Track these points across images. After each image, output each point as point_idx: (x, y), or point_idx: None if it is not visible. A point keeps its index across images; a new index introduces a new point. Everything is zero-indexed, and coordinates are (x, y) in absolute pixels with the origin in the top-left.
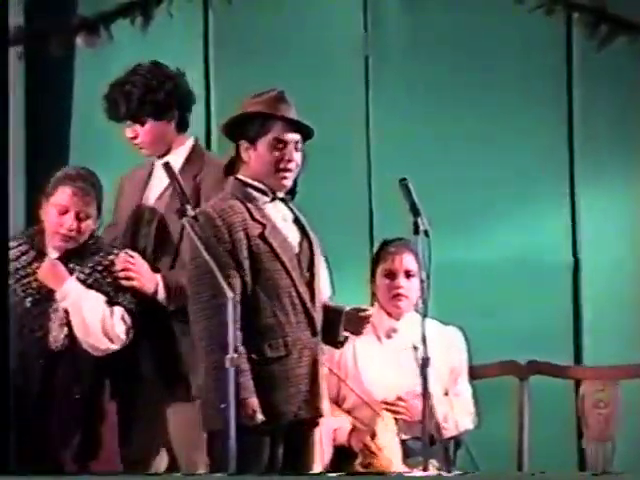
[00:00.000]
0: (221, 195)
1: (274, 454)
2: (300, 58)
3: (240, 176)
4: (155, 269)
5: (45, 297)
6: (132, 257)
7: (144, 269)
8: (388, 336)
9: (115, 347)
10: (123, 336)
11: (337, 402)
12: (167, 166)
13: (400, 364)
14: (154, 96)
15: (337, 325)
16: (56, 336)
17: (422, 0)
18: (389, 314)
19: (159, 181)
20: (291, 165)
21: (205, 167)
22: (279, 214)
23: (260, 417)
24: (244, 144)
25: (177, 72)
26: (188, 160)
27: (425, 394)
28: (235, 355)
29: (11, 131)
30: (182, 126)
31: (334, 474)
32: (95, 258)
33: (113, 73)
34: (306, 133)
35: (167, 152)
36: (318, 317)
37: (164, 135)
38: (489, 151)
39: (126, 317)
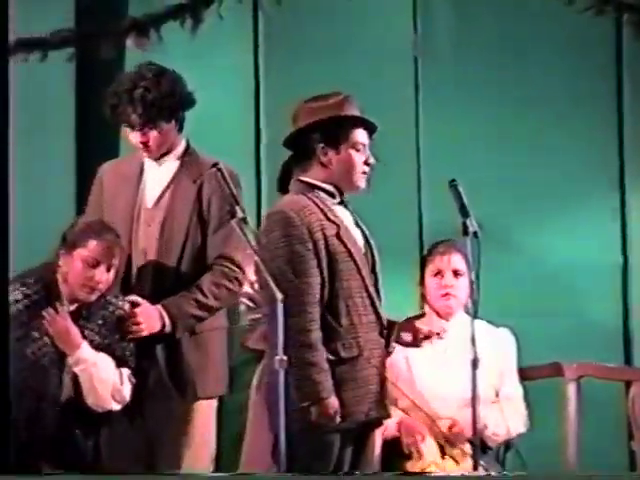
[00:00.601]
0: (290, 196)
1: (342, 455)
2: (349, 59)
3: (305, 178)
4: (155, 295)
5: (60, 355)
6: (138, 305)
7: (149, 311)
8: (440, 340)
9: (118, 407)
10: (128, 397)
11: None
12: (219, 169)
13: (450, 366)
14: (167, 100)
15: (389, 336)
16: (66, 392)
17: (471, 1)
18: (439, 314)
19: (155, 183)
20: (369, 167)
21: (204, 170)
22: (345, 216)
23: (338, 419)
24: (325, 149)
25: (175, 72)
26: (183, 162)
27: (474, 396)
28: (284, 357)
29: (61, 133)
30: (181, 127)
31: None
32: (104, 313)
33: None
34: (371, 134)
35: (166, 153)
36: (384, 318)
37: (170, 137)
38: (538, 152)
39: (132, 377)
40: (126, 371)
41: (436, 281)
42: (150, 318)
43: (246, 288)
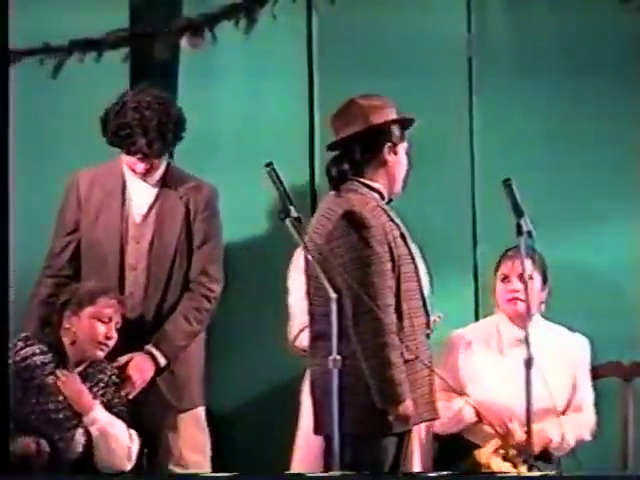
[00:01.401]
0: (352, 195)
1: (399, 457)
2: (403, 59)
3: (359, 178)
4: (146, 310)
5: (75, 413)
6: (129, 362)
7: (141, 364)
8: (512, 347)
9: (129, 466)
10: (135, 456)
11: None
12: (273, 170)
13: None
14: (176, 130)
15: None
16: (76, 450)
17: (526, 1)
18: (511, 319)
19: (140, 198)
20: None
21: (190, 187)
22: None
23: (417, 416)
24: (390, 148)
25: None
26: (166, 178)
27: (528, 397)
28: (338, 357)
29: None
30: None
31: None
32: (102, 377)
33: (217, 75)
34: None
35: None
36: (431, 320)
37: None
38: (593, 151)
39: (137, 437)
40: (133, 432)
41: (503, 286)
42: (143, 370)
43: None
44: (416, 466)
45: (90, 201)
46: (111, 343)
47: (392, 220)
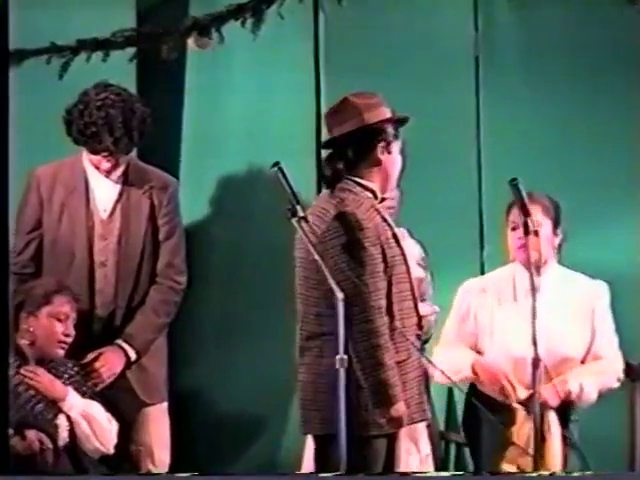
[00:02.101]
0: (346, 195)
1: (391, 457)
2: (410, 58)
3: (352, 177)
4: (117, 305)
5: (52, 402)
6: (99, 355)
7: (110, 357)
8: (527, 295)
9: (112, 447)
10: (115, 437)
11: None
12: (280, 169)
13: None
14: (142, 127)
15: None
16: (63, 436)
17: (533, 0)
18: (527, 269)
19: (104, 194)
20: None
21: (153, 181)
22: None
23: (405, 423)
24: (383, 147)
25: (138, 95)
26: (128, 173)
27: (534, 343)
28: (345, 356)
29: None
30: None
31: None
32: (68, 371)
33: (224, 75)
34: None
35: None
36: (423, 322)
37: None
38: (600, 150)
39: (114, 420)
40: (108, 414)
41: (513, 234)
42: (113, 364)
43: None
44: (430, 467)
45: (52, 199)
46: (69, 340)
47: (385, 220)
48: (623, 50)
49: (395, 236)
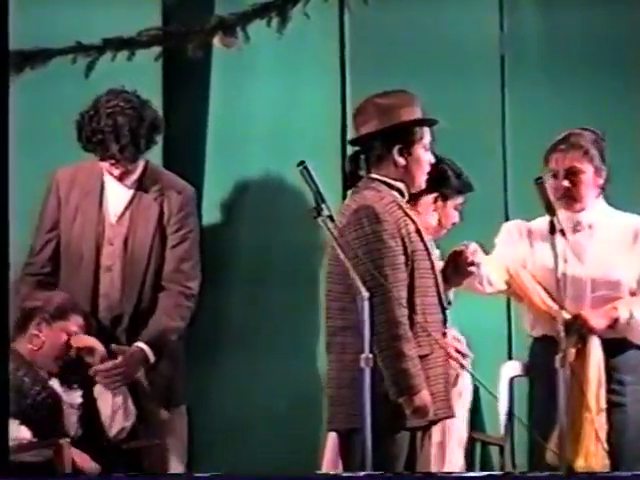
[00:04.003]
0: (368, 192)
1: (413, 454)
2: (436, 57)
3: (376, 176)
4: (121, 311)
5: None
6: (119, 354)
7: (132, 356)
8: (572, 233)
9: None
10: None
11: None
12: (306, 168)
13: (586, 255)
14: (151, 134)
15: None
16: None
17: None
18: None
19: (117, 199)
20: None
21: (166, 187)
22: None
23: (432, 413)
24: (401, 149)
25: (147, 100)
26: (143, 178)
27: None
28: (370, 355)
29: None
30: None
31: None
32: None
33: (250, 74)
34: None
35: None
36: (448, 317)
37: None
38: (626, 148)
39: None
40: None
41: (552, 182)
42: (133, 364)
43: None
44: (455, 467)
45: (69, 201)
46: (67, 359)
47: (407, 215)
48: None
49: (419, 231)
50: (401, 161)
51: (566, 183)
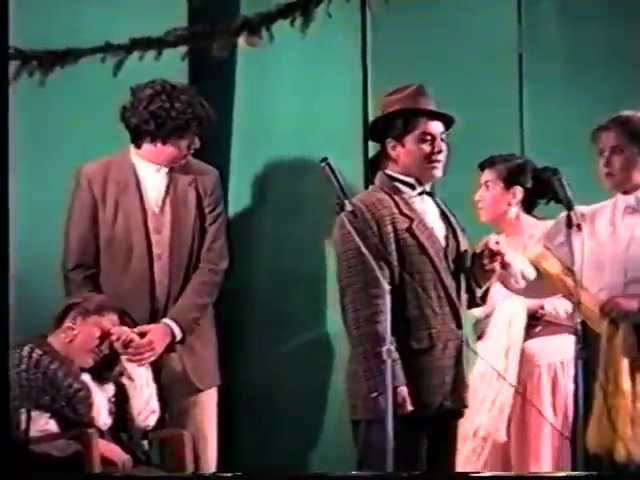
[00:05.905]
0: (370, 189)
1: (418, 446)
2: (455, 55)
3: (388, 171)
4: (172, 296)
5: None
6: (146, 333)
7: (158, 333)
8: (625, 216)
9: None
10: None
11: None
12: (329, 164)
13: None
14: (204, 122)
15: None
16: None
17: None
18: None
19: (154, 188)
20: (441, 156)
21: (196, 172)
22: (426, 208)
23: (410, 407)
24: (391, 142)
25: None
26: (172, 167)
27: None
28: (392, 347)
29: None
30: None
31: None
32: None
33: (274, 73)
34: (448, 123)
35: None
36: (463, 309)
37: None
38: None
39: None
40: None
41: (600, 160)
42: (161, 339)
43: None
44: (479, 466)
45: (105, 198)
46: (101, 355)
47: (402, 213)
48: None
49: (410, 229)
50: (394, 154)
51: (612, 160)
